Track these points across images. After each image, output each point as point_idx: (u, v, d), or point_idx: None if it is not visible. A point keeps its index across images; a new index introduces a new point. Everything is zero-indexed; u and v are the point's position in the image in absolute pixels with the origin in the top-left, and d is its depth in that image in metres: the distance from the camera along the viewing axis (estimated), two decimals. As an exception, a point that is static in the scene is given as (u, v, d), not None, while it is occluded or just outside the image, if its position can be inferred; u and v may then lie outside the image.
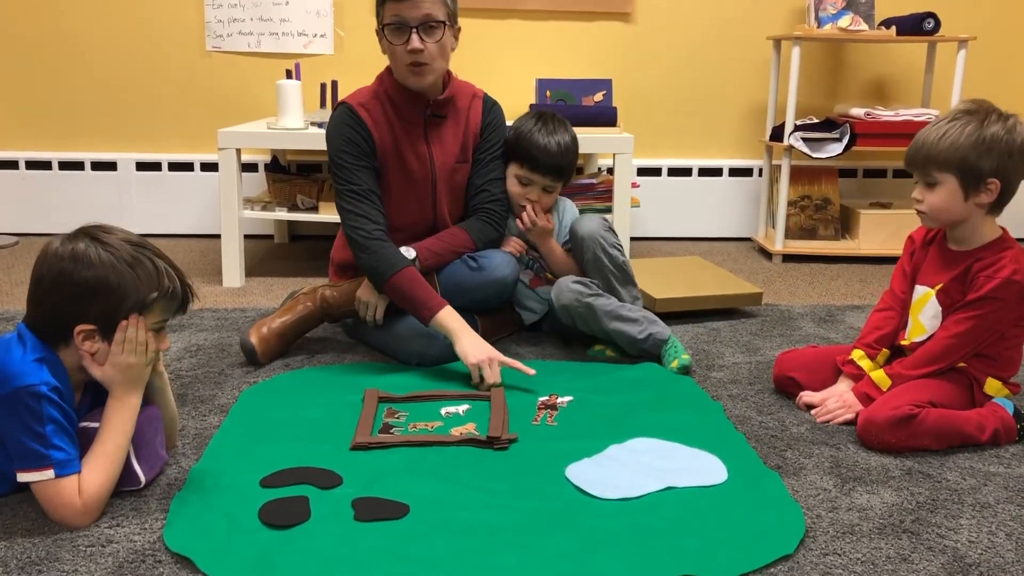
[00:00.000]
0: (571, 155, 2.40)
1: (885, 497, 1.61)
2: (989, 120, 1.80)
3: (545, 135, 2.35)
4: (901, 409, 1.77)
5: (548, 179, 2.37)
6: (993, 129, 1.79)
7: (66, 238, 1.50)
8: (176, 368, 2.21)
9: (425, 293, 2.13)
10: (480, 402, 2.01)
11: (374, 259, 2.15)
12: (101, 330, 1.49)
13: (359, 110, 2.22)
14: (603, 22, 3.73)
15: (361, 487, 1.60)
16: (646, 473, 1.67)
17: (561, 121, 2.41)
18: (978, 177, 1.81)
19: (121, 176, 3.77)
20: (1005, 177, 1.81)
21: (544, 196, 2.40)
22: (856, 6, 3.52)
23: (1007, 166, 1.80)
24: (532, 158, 2.34)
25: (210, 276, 3.15)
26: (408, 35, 2.12)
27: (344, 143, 2.20)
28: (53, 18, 3.64)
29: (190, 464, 1.69)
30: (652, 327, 2.27)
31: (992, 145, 1.79)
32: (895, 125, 3.43)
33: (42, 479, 1.43)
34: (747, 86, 3.83)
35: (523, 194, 2.38)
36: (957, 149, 1.80)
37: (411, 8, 2.10)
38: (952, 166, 1.81)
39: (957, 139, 1.80)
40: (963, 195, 1.83)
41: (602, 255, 2.32)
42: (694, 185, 3.90)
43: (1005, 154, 1.79)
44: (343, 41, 3.68)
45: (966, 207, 1.84)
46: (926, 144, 1.84)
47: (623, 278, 2.36)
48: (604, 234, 2.33)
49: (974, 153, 1.79)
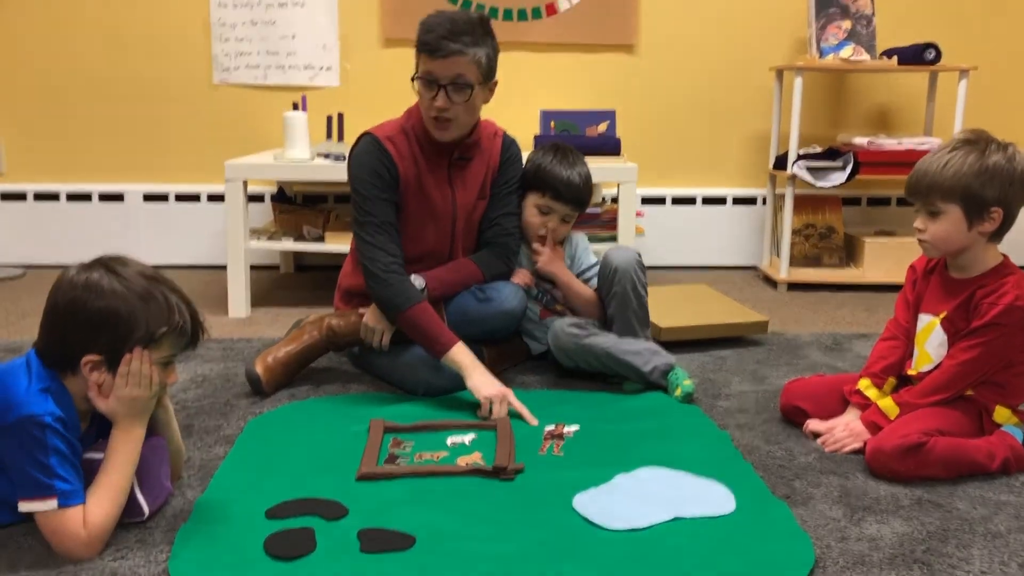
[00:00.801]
0: (591, 186, 2.45)
1: (895, 527, 1.60)
2: (989, 149, 1.82)
3: (566, 167, 2.38)
4: (910, 438, 1.76)
5: (569, 208, 2.40)
6: (994, 158, 1.81)
7: (82, 267, 1.51)
8: (182, 399, 2.21)
9: (437, 328, 2.14)
10: (486, 432, 2.00)
11: (389, 292, 2.16)
12: (108, 361, 1.49)
13: (385, 143, 2.23)
14: (607, 54, 3.76)
15: (367, 518, 1.59)
16: (654, 503, 1.65)
17: (577, 154, 2.45)
18: (981, 206, 1.81)
19: (128, 207, 3.79)
20: (1007, 205, 1.82)
21: (561, 226, 2.43)
22: (857, 37, 3.55)
23: (1009, 194, 1.81)
24: (554, 187, 2.37)
25: (216, 306, 3.15)
26: (436, 91, 2.14)
27: (369, 174, 2.21)
28: (62, 51, 3.68)
29: (195, 495, 1.69)
30: (655, 359, 2.26)
31: (994, 174, 1.80)
32: (898, 154, 3.45)
33: (45, 509, 1.43)
34: (750, 116, 3.85)
35: (542, 223, 2.40)
36: (960, 178, 1.80)
37: (443, 67, 2.12)
38: (956, 195, 1.82)
39: (960, 168, 1.81)
40: (966, 224, 1.83)
41: (631, 292, 2.31)
42: (698, 214, 3.91)
43: (1007, 183, 1.81)
44: (349, 74, 3.72)
45: (969, 236, 1.85)
46: (928, 173, 1.85)
47: (643, 318, 2.36)
48: (637, 271, 2.32)
49: (977, 182, 1.80)
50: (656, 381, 2.26)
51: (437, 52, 2.10)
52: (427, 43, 2.11)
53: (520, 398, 2.10)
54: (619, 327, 2.33)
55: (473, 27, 2.13)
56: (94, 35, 3.68)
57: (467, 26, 2.12)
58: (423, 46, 2.12)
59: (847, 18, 3.56)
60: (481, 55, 2.14)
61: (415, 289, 2.18)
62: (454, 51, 2.10)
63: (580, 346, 2.26)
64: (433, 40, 2.10)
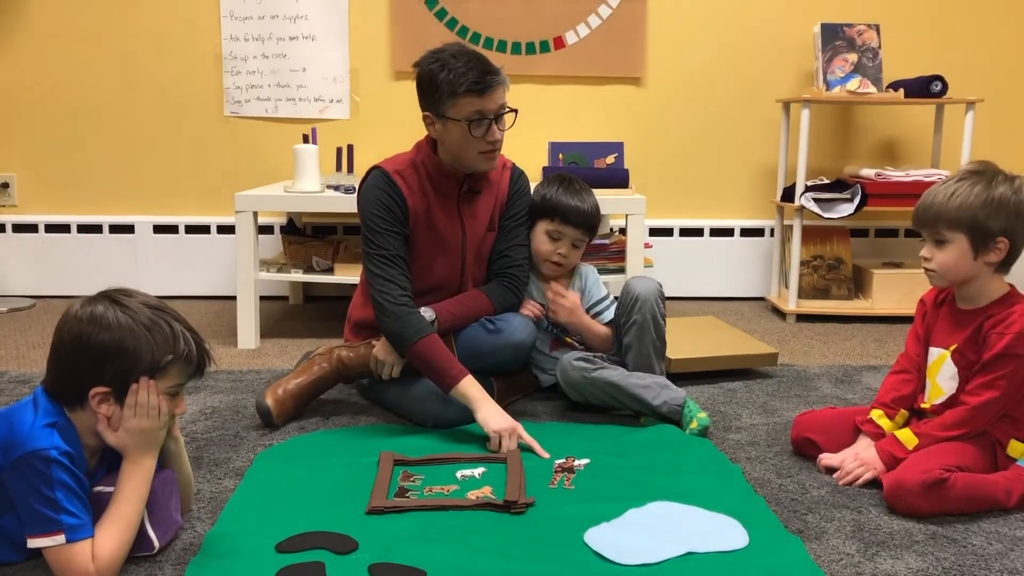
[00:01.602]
0: (599, 213, 2.48)
1: (910, 562, 1.58)
2: (996, 181, 1.83)
3: (573, 194, 2.42)
4: (932, 473, 1.74)
5: (579, 232, 2.42)
6: (1001, 189, 1.82)
7: (86, 301, 1.51)
8: (191, 431, 2.21)
9: (446, 361, 2.13)
10: (496, 465, 1.99)
11: (398, 325, 2.16)
12: (115, 393, 1.49)
13: (395, 176, 2.24)
14: (614, 86, 3.79)
15: (377, 552, 1.58)
16: (666, 538, 1.64)
17: (583, 183, 2.48)
18: (987, 236, 1.82)
19: (138, 239, 3.81)
20: (1013, 236, 1.83)
21: (572, 252, 2.44)
22: (864, 69, 3.58)
23: (1015, 226, 1.82)
24: (563, 212, 2.40)
25: (225, 337, 3.16)
26: (488, 126, 2.17)
27: (378, 207, 2.22)
28: (73, 83, 3.72)
29: (205, 528, 1.68)
30: (665, 392, 2.26)
31: (1001, 205, 1.81)
32: (906, 185, 3.45)
33: (53, 544, 1.42)
34: (757, 148, 3.87)
35: (553, 250, 2.42)
36: (967, 209, 1.82)
37: (490, 101, 2.16)
38: (963, 225, 1.83)
39: (967, 199, 1.82)
40: (972, 254, 1.84)
41: (651, 321, 2.31)
42: (706, 245, 3.92)
43: (1013, 214, 1.82)
44: (359, 107, 3.75)
45: (975, 265, 1.85)
46: (935, 203, 1.86)
47: (660, 350, 2.36)
48: (659, 301, 2.34)
49: (983, 212, 1.81)
50: (667, 415, 2.24)
51: (487, 88, 2.13)
52: (476, 82, 2.12)
53: (530, 430, 2.09)
54: (635, 356, 2.32)
55: (484, 56, 2.18)
56: (105, 68, 3.72)
57: (483, 56, 2.18)
58: (473, 86, 2.12)
59: (853, 51, 3.58)
60: (506, 77, 2.20)
61: (424, 322, 2.18)
62: (497, 82, 2.16)
63: (588, 380, 2.26)
64: (479, 78, 2.12)
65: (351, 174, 3.36)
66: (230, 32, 3.68)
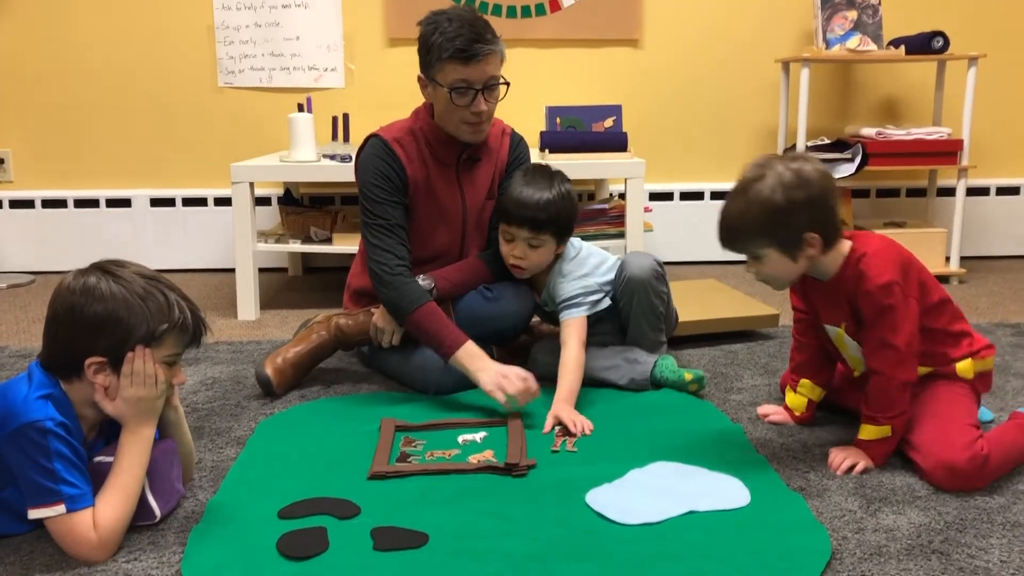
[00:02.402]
0: (551, 209, 2.15)
1: (912, 517, 1.58)
2: (760, 192, 1.71)
3: (526, 189, 2.17)
4: (975, 448, 1.68)
5: (525, 230, 2.16)
6: (770, 198, 1.69)
7: (79, 272, 1.51)
8: (192, 401, 2.21)
9: (444, 330, 2.10)
10: (497, 429, 1.99)
11: (395, 295, 2.14)
12: (111, 363, 1.49)
13: (393, 145, 2.21)
14: (612, 48, 3.75)
15: (379, 517, 1.58)
16: (667, 497, 1.64)
17: (552, 176, 2.22)
18: (794, 241, 1.72)
19: (136, 212, 3.80)
20: (813, 227, 1.71)
21: (531, 253, 2.20)
22: (864, 27, 3.53)
23: (805, 219, 1.70)
24: (507, 211, 2.19)
25: (225, 309, 3.15)
26: (473, 97, 2.12)
27: (377, 176, 2.19)
28: (66, 57, 3.69)
29: (207, 497, 1.68)
30: (631, 368, 2.23)
31: (775, 212, 1.69)
32: (907, 144, 3.42)
33: (54, 515, 1.42)
34: (757, 109, 3.83)
35: (509, 251, 2.22)
36: (756, 226, 1.72)
37: (477, 71, 2.09)
38: (767, 243, 1.74)
39: (747, 217, 1.73)
40: (790, 259, 1.75)
41: (644, 303, 2.23)
42: (706, 208, 3.89)
43: (789, 213, 1.69)
44: (354, 75, 3.71)
45: (800, 264, 1.76)
46: (730, 230, 1.78)
47: (656, 326, 2.28)
48: (653, 282, 2.23)
49: (777, 220, 1.70)
50: (636, 391, 2.22)
51: (473, 57, 2.07)
52: (461, 49, 2.06)
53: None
54: (632, 336, 2.29)
55: (485, 22, 2.12)
56: (98, 41, 3.68)
57: (482, 23, 2.10)
58: (457, 54, 2.06)
59: (853, 8, 3.53)
60: (502, 47, 2.14)
61: (421, 291, 2.16)
62: (486, 52, 2.08)
63: (555, 376, 2.20)
64: (465, 45, 2.06)
65: (347, 143, 3.33)
66: (222, 1, 3.64)
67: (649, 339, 2.30)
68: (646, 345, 2.29)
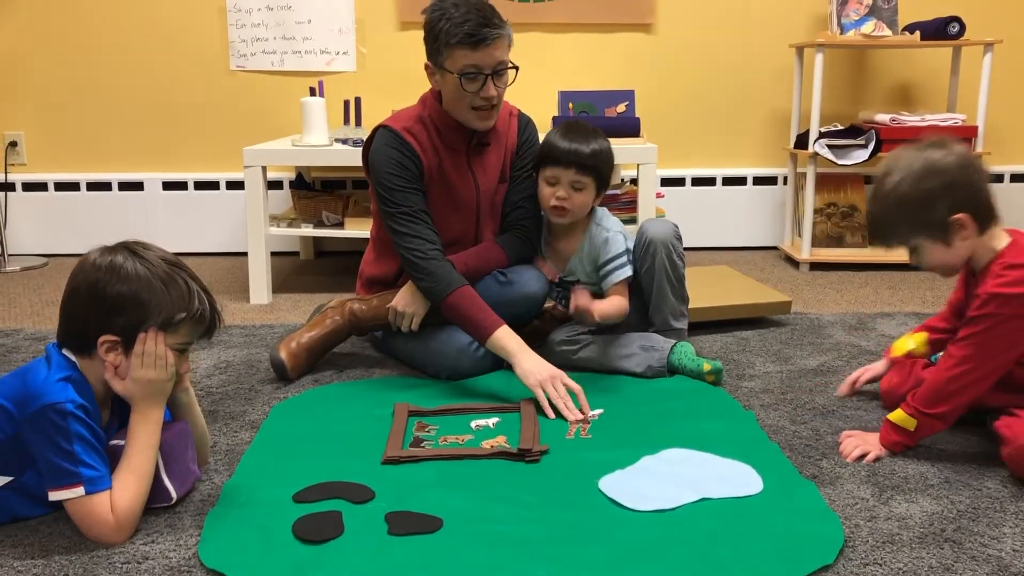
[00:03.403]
0: (602, 156, 2.25)
1: (924, 506, 1.59)
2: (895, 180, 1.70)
3: (571, 136, 2.24)
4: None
5: (573, 172, 2.22)
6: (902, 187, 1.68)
7: (105, 250, 1.52)
8: (206, 385, 2.22)
9: (480, 313, 2.10)
10: (510, 414, 2.00)
11: (431, 280, 2.14)
12: (124, 343, 1.50)
13: (405, 135, 2.19)
14: (625, 33, 3.73)
15: (393, 501, 1.60)
16: (680, 484, 1.65)
17: (591, 129, 2.29)
18: (941, 227, 1.70)
19: (148, 196, 3.81)
20: (963, 205, 1.68)
21: (575, 195, 2.25)
22: (879, 12, 3.50)
23: (956, 196, 1.68)
24: (554, 155, 2.24)
25: (237, 293, 3.17)
26: (483, 82, 2.11)
27: (393, 166, 2.17)
28: (78, 41, 3.69)
29: (223, 480, 1.70)
30: (648, 356, 2.24)
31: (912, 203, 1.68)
32: (921, 130, 3.40)
33: (73, 496, 1.44)
34: (770, 94, 3.81)
35: (552, 193, 2.25)
36: (903, 216, 1.71)
37: (486, 56, 2.09)
38: (915, 233, 1.73)
39: (892, 209, 1.71)
40: (944, 244, 1.72)
41: (667, 262, 2.26)
42: (719, 194, 3.88)
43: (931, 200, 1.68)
44: (365, 59, 3.71)
45: (956, 250, 1.73)
46: (876, 229, 1.78)
47: (680, 293, 2.31)
48: (674, 242, 2.28)
49: (916, 212, 1.69)
50: (652, 378, 2.23)
51: (482, 42, 2.06)
52: (470, 34, 2.05)
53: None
54: (656, 303, 2.30)
55: (491, 7, 2.11)
56: (110, 23, 3.68)
57: (488, 8, 2.10)
58: (466, 39, 2.06)
59: (868, -7, 3.50)
60: (510, 32, 2.13)
61: (455, 274, 2.15)
62: (495, 36, 2.07)
63: (572, 363, 2.24)
64: (474, 30, 2.05)
65: (359, 127, 3.33)
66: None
67: (672, 306, 2.30)
68: (669, 311, 2.30)
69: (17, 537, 1.49)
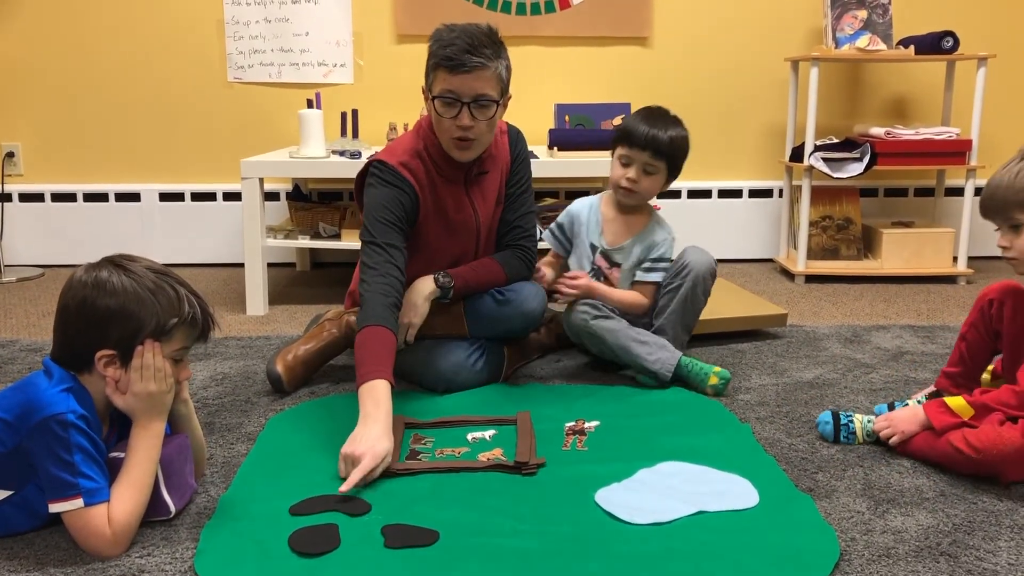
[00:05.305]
0: (678, 144, 2.31)
1: (920, 519, 1.59)
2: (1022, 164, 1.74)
3: (650, 121, 2.30)
4: None
5: (647, 155, 2.27)
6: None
7: (90, 266, 1.52)
8: (202, 396, 2.22)
9: (375, 360, 1.90)
10: (507, 427, 2.00)
11: (362, 311, 2.03)
12: (121, 356, 1.50)
13: (402, 170, 2.13)
14: (621, 47, 3.75)
15: (390, 514, 1.59)
16: (677, 497, 1.65)
17: (671, 117, 2.35)
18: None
19: (145, 207, 3.81)
20: None
21: (644, 179, 2.31)
22: (874, 26, 3.53)
23: None
24: (631, 137, 2.29)
25: (234, 305, 3.17)
26: (459, 110, 2.05)
27: (389, 201, 2.11)
28: (76, 51, 3.70)
29: (219, 492, 1.69)
30: (662, 352, 2.26)
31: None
32: (915, 144, 3.43)
33: (71, 509, 1.44)
34: (765, 107, 3.83)
35: (623, 175, 2.31)
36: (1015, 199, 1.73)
37: (463, 84, 2.02)
38: None
39: (1018, 191, 1.74)
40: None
41: (690, 295, 2.32)
42: (714, 207, 3.90)
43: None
44: (363, 71, 3.72)
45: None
46: (1000, 188, 1.77)
47: (689, 321, 2.37)
48: (707, 278, 2.34)
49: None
50: (658, 372, 2.24)
51: (460, 67, 2.00)
52: (448, 58, 2.01)
53: (539, 393, 2.08)
54: (663, 321, 2.33)
55: (491, 39, 2.05)
56: (108, 34, 3.69)
57: (485, 38, 2.03)
58: (444, 61, 2.02)
59: (863, 7, 3.53)
60: (501, 68, 2.06)
61: (386, 314, 1.99)
62: (476, 64, 2.00)
63: (588, 326, 2.27)
64: (454, 54, 2.00)
65: (356, 139, 3.34)
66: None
67: (677, 331, 2.34)
68: (672, 334, 2.34)
69: (13, 549, 1.49)
